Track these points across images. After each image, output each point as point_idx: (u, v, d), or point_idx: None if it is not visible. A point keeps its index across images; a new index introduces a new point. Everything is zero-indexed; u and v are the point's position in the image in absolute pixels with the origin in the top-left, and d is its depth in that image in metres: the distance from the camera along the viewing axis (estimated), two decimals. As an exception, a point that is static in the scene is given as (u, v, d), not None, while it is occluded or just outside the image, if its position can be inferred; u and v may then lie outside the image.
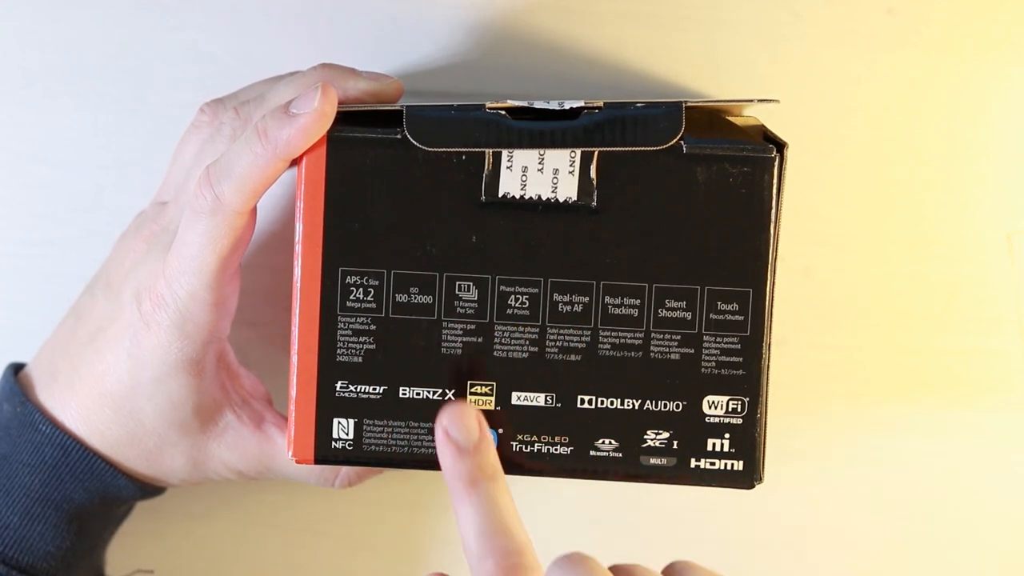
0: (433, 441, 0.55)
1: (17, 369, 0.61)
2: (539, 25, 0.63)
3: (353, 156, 0.54)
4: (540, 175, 0.54)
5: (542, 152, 0.54)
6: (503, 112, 0.54)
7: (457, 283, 0.55)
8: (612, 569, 0.52)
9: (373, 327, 0.55)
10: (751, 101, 0.56)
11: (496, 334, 0.55)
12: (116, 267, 0.58)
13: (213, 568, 0.67)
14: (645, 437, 0.55)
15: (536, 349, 0.55)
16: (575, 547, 0.67)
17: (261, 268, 0.64)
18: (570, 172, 0.54)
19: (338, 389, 0.55)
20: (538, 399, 0.55)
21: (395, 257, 0.54)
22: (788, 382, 0.65)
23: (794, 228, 0.63)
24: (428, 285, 0.54)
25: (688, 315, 0.55)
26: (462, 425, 0.53)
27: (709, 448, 0.55)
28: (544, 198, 0.54)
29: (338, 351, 0.55)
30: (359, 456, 0.55)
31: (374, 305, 0.55)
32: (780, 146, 0.54)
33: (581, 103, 0.54)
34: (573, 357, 0.55)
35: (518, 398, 0.55)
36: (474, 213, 0.54)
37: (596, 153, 0.54)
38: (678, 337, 0.55)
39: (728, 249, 0.54)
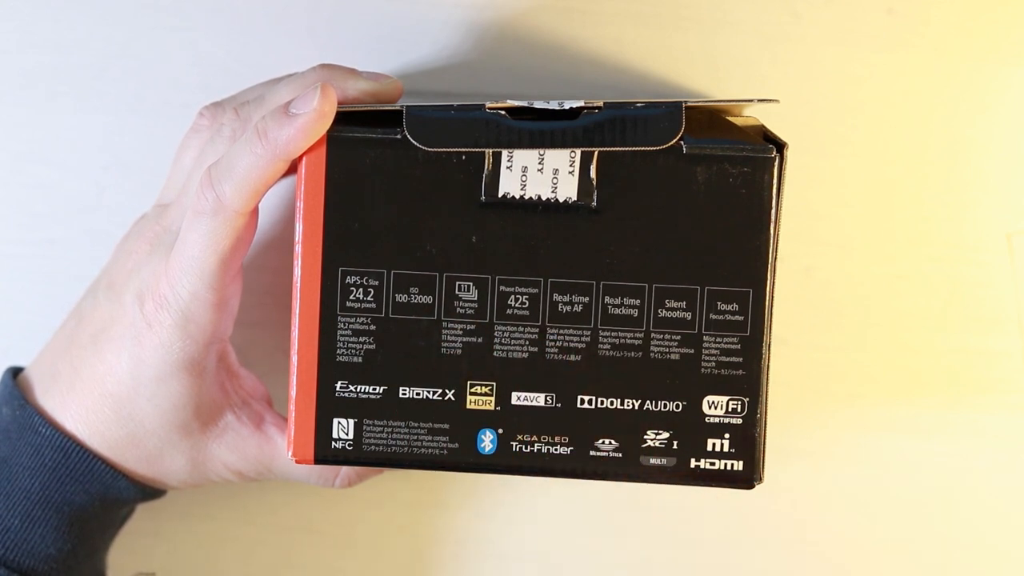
0: (433, 441, 0.55)
1: (16, 373, 0.61)
2: (539, 25, 0.63)
3: (353, 156, 0.54)
4: (540, 175, 0.54)
5: (542, 152, 0.54)
6: (503, 112, 0.54)
7: (457, 283, 0.54)
8: None
9: (373, 327, 0.55)
10: (751, 101, 0.56)
11: (496, 334, 0.55)
12: (118, 269, 0.58)
13: (213, 568, 0.67)
14: (645, 437, 0.55)
15: (536, 349, 0.55)
16: (576, 547, 0.68)
17: (261, 268, 0.64)
18: (570, 172, 0.54)
19: (338, 389, 0.55)
20: (538, 399, 0.55)
21: (395, 257, 0.54)
22: (788, 382, 0.65)
23: (794, 228, 0.63)
24: (428, 285, 0.54)
25: (688, 315, 0.54)
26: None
27: (709, 448, 0.55)
28: (544, 198, 0.54)
29: (338, 351, 0.55)
30: (359, 456, 0.55)
31: (374, 305, 0.54)
32: (780, 146, 0.54)
33: (581, 103, 0.54)
34: (573, 357, 0.55)
35: (518, 398, 0.55)
36: (474, 213, 0.54)
37: (596, 153, 0.54)
38: (678, 337, 0.55)
39: (728, 249, 0.54)
